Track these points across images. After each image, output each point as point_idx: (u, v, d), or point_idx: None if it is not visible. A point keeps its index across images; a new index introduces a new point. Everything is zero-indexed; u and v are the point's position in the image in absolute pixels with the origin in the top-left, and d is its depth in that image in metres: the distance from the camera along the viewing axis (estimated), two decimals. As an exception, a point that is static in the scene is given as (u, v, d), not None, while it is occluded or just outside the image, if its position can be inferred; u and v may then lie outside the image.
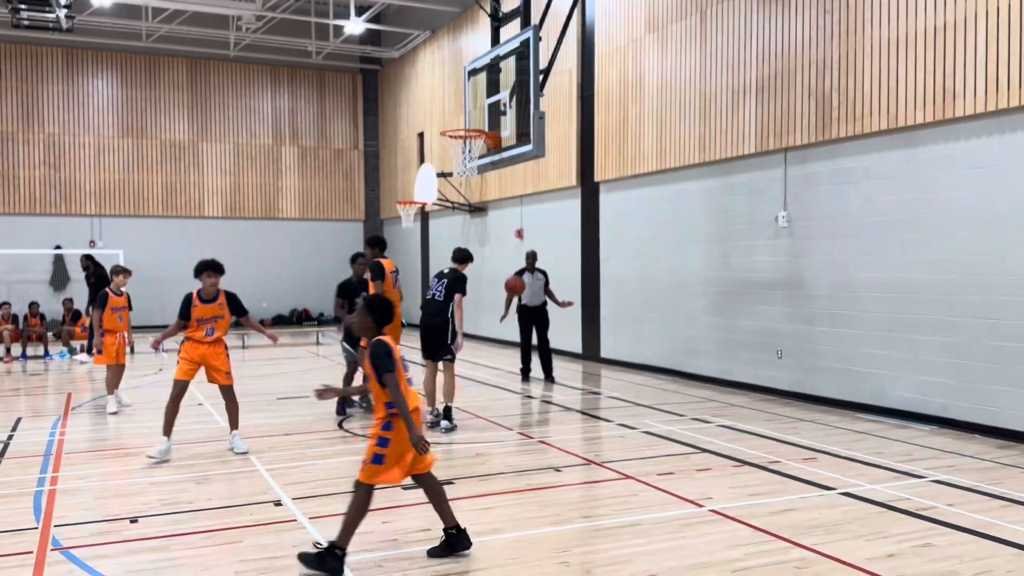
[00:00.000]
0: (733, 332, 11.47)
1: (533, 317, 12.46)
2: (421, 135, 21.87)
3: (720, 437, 8.23)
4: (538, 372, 12.58)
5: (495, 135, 11.01)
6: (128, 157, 22.07)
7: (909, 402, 9.00)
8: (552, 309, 12.59)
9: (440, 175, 17.97)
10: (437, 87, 20.72)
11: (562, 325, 13.70)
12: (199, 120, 22.81)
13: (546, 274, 12.60)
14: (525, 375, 12.61)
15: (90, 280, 16.51)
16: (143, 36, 20.78)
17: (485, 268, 17.83)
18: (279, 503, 6.02)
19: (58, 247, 20.98)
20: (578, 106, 14.91)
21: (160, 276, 20.02)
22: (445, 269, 9.09)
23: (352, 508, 4.63)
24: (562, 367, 13.77)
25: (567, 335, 14.98)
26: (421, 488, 4.94)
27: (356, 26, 20.00)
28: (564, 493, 6.37)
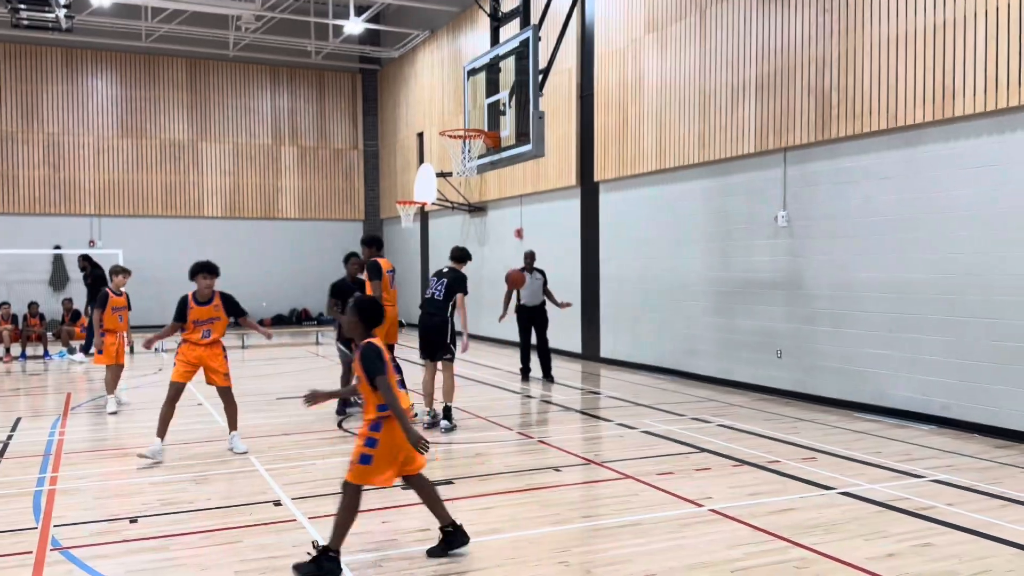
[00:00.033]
0: (733, 332, 11.47)
1: (532, 317, 12.47)
2: (420, 135, 21.87)
3: (720, 437, 8.24)
4: (537, 372, 12.59)
5: (494, 135, 11.00)
6: (128, 157, 22.07)
7: (908, 402, 9.00)
8: (551, 309, 12.59)
9: (439, 175, 17.96)
10: (436, 87, 20.72)
11: (562, 325, 13.70)
12: (199, 120, 22.81)
13: (544, 274, 12.60)
14: (525, 375, 12.61)
15: (87, 280, 16.54)
16: (143, 36, 20.78)
17: (485, 268, 17.84)
18: (279, 503, 6.02)
19: (58, 247, 20.99)
20: (577, 106, 14.90)
21: (160, 276, 20.00)
22: (444, 268, 9.05)
23: (342, 509, 4.63)
24: (562, 367, 13.77)
25: (567, 335, 14.98)
26: (412, 489, 4.94)
27: (355, 26, 20.01)
28: (564, 493, 6.36)
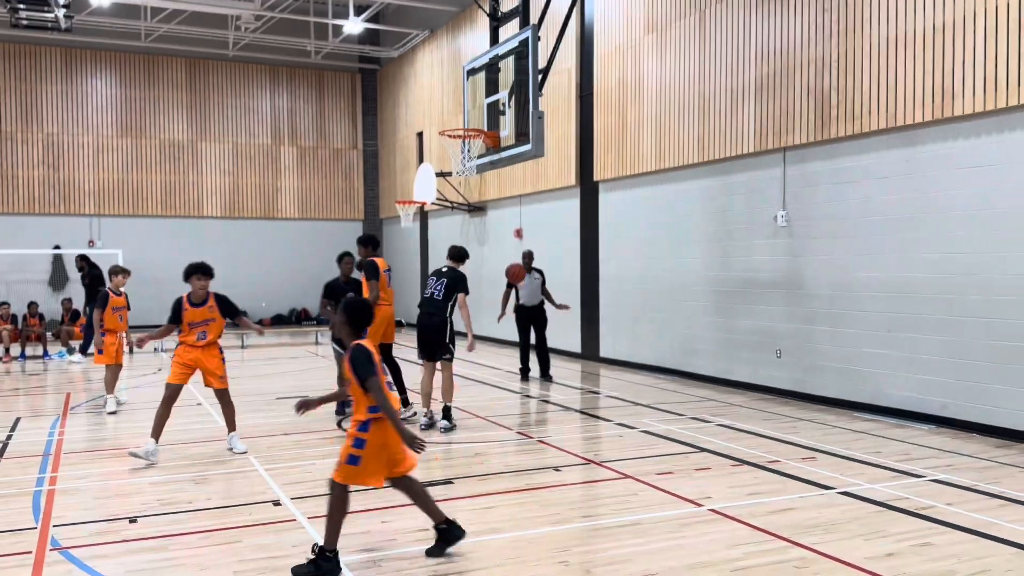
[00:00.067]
0: (732, 332, 11.47)
1: (531, 317, 12.48)
2: (420, 135, 21.87)
3: (719, 436, 8.24)
4: (536, 371, 12.59)
5: (494, 135, 11.00)
6: (127, 157, 22.06)
7: (908, 401, 9.00)
8: (549, 309, 12.60)
9: (439, 175, 17.96)
10: (436, 87, 20.72)
11: (561, 325, 13.70)
12: (198, 120, 22.80)
13: (543, 274, 12.61)
14: (524, 375, 12.61)
15: (85, 281, 16.49)
16: (142, 36, 20.77)
17: (484, 268, 17.84)
18: (278, 503, 6.02)
19: (57, 247, 20.98)
20: (577, 106, 14.90)
21: (159, 276, 19.94)
22: (443, 268, 9.02)
23: (331, 509, 4.63)
24: (561, 367, 13.77)
25: (566, 335, 14.98)
26: (401, 491, 4.91)
27: (355, 26, 20.01)
28: (563, 493, 6.36)
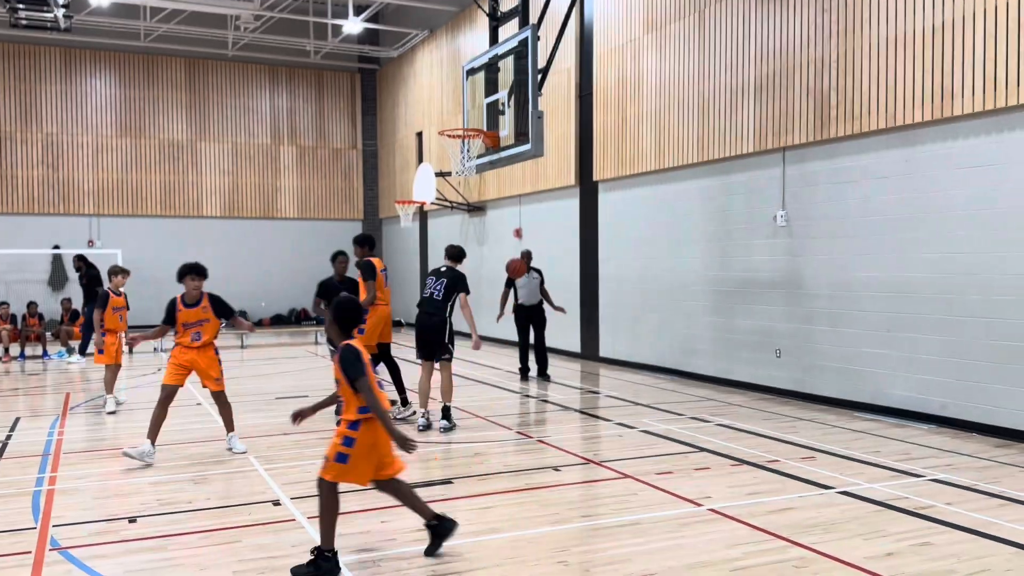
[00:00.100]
0: (732, 331, 11.47)
1: (530, 316, 12.48)
2: (419, 134, 21.87)
3: (719, 436, 8.24)
4: (534, 370, 12.59)
5: (493, 134, 11.00)
6: (126, 157, 22.05)
7: (907, 401, 9.00)
8: (548, 308, 12.60)
9: (439, 174, 17.96)
10: (435, 86, 20.72)
11: (561, 324, 13.70)
12: (197, 120, 22.79)
13: (542, 273, 12.61)
14: (524, 374, 12.61)
15: (82, 281, 16.43)
16: (141, 36, 20.77)
17: (484, 268, 17.84)
18: (277, 503, 6.02)
19: (56, 247, 20.97)
20: (577, 105, 14.90)
21: (158, 276, 19.89)
22: (442, 267, 9.01)
23: (322, 509, 4.63)
24: (560, 366, 13.78)
25: (565, 334, 14.98)
26: (388, 494, 4.89)
27: (354, 25, 20.00)
28: (563, 492, 6.36)
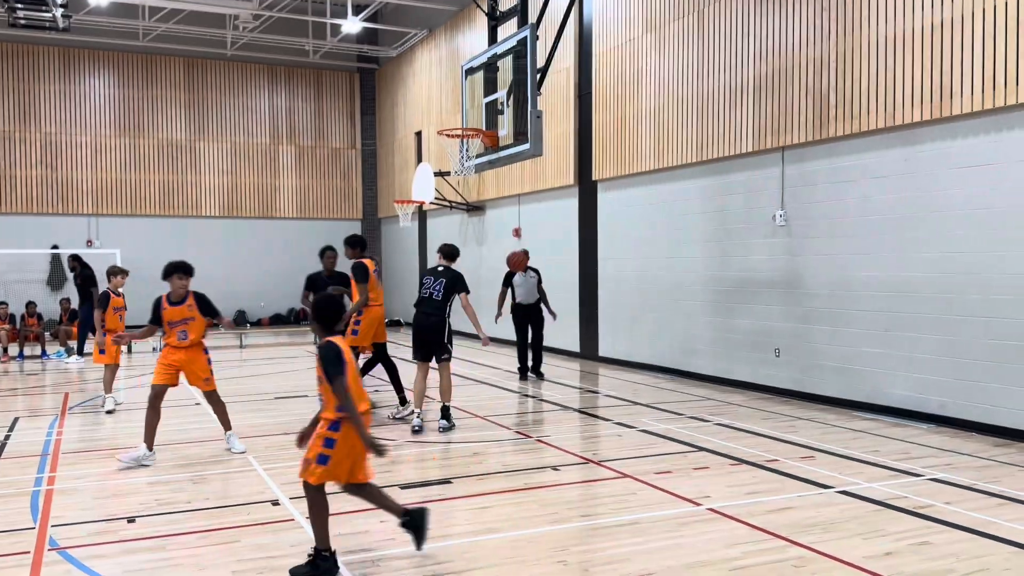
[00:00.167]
0: (731, 331, 11.47)
1: (528, 315, 12.49)
2: (419, 134, 21.86)
3: (718, 436, 8.24)
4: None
5: (492, 134, 11.00)
6: (125, 156, 22.04)
7: (907, 400, 9.00)
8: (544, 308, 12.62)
9: (438, 174, 17.95)
10: (434, 86, 20.71)
11: (560, 324, 13.68)
12: (196, 119, 22.78)
13: (539, 272, 12.61)
14: (523, 374, 12.61)
15: (77, 281, 16.36)
16: (140, 35, 20.75)
17: (483, 267, 17.83)
18: (276, 502, 6.02)
19: (55, 247, 20.95)
20: (576, 105, 14.90)
21: (157, 276, 19.66)
22: (439, 267, 9.00)
23: (312, 511, 4.62)
24: (559, 366, 13.78)
25: (564, 334, 14.98)
26: (360, 497, 4.83)
27: (353, 25, 19.99)
28: (562, 492, 6.36)
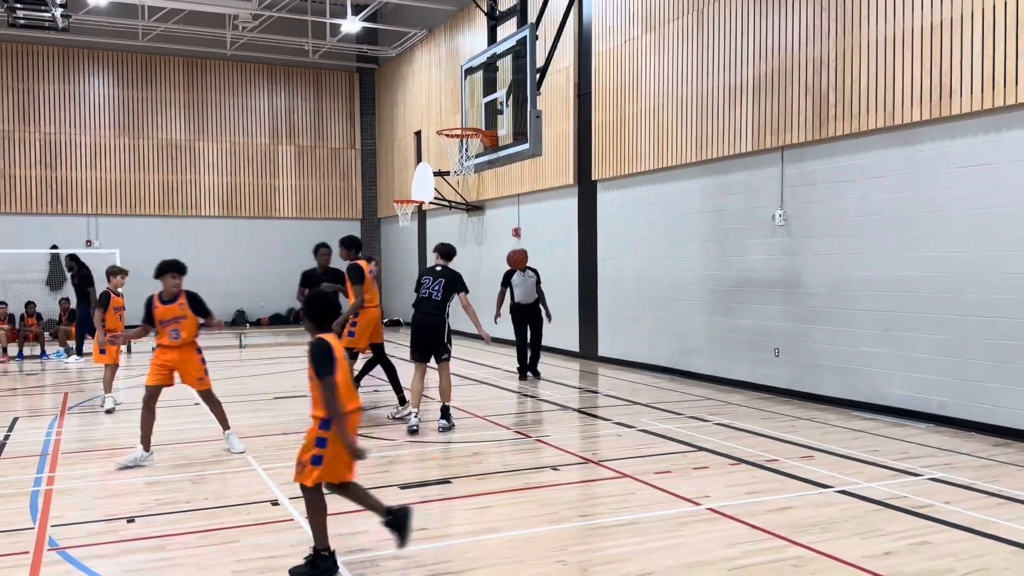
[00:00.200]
0: (730, 331, 11.47)
1: (527, 315, 12.49)
2: (418, 134, 21.86)
3: (717, 435, 8.24)
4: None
5: (492, 134, 11.00)
6: (124, 157, 22.03)
7: (906, 400, 9.01)
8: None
9: (437, 174, 17.95)
10: (434, 86, 20.71)
11: (559, 324, 13.70)
12: (195, 119, 22.78)
13: (538, 272, 12.61)
14: (522, 374, 12.61)
15: (74, 280, 16.36)
16: (139, 35, 20.75)
17: (482, 267, 17.83)
18: (276, 502, 6.02)
19: (55, 247, 20.94)
20: (575, 105, 14.90)
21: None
22: (436, 267, 8.98)
23: (310, 512, 4.61)
24: (559, 365, 13.78)
25: (564, 334, 14.98)
26: (344, 497, 4.77)
27: (353, 25, 19.99)
28: (561, 492, 6.36)
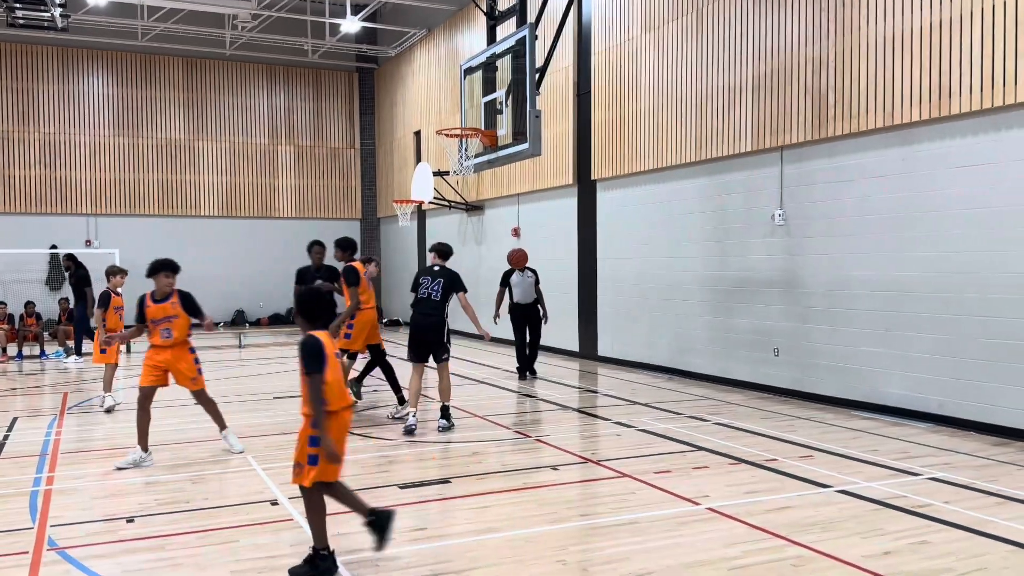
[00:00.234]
0: (729, 330, 11.48)
1: (526, 315, 12.49)
2: (417, 134, 21.85)
3: (717, 435, 8.24)
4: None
5: (491, 134, 11.01)
6: (124, 156, 22.03)
7: (905, 399, 9.01)
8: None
9: (437, 174, 17.95)
10: (433, 86, 20.71)
11: (558, 323, 13.71)
12: (195, 119, 22.77)
13: (536, 273, 12.61)
14: (522, 374, 12.61)
15: (71, 280, 16.35)
16: (139, 35, 20.74)
17: (482, 267, 17.83)
18: (275, 502, 6.02)
19: (54, 247, 20.93)
20: (574, 104, 14.90)
21: (156, 275, 19.88)
22: (434, 267, 8.97)
23: (309, 512, 4.61)
24: (558, 365, 13.79)
25: (563, 333, 14.98)
26: (329, 495, 4.69)
27: (352, 24, 19.98)
28: (561, 491, 6.36)
